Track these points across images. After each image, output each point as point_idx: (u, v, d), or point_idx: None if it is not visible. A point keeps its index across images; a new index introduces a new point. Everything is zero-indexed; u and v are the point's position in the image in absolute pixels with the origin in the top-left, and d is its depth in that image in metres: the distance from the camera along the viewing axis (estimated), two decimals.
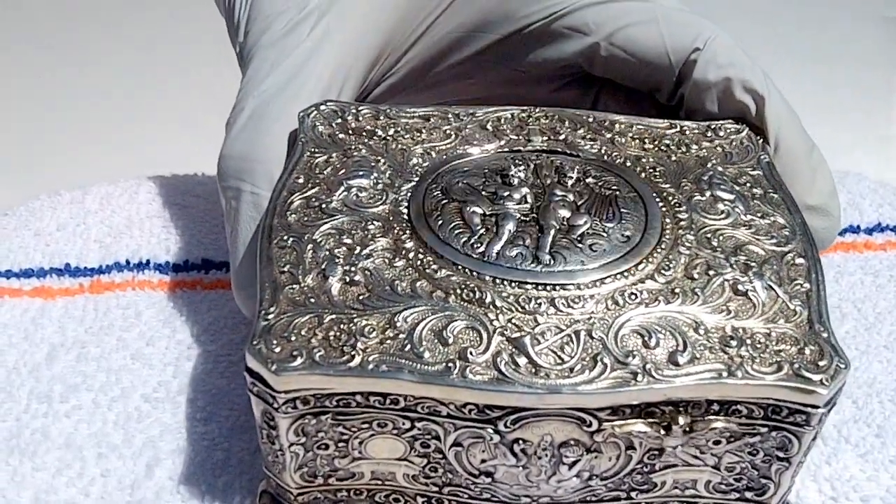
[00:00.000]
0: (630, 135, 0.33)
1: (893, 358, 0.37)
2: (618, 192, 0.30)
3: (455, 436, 0.26)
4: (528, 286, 0.26)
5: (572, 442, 0.26)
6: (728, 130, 0.33)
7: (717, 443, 0.26)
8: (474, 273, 0.27)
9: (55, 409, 0.34)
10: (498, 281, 0.26)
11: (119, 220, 0.44)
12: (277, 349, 0.25)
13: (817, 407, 0.25)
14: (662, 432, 0.25)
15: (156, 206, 0.45)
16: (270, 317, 0.25)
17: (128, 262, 0.41)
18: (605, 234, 0.28)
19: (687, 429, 0.25)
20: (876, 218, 0.44)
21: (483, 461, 0.27)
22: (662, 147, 0.32)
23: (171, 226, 0.43)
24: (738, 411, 0.25)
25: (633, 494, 0.28)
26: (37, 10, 0.65)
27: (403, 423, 0.26)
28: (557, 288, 0.26)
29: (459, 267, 0.27)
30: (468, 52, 0.37)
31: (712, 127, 0.33)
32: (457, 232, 0.28)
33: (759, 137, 0.33)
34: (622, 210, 0.29)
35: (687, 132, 0.33)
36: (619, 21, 0.34)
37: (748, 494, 0.28)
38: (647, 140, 0.32)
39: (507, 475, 0.27)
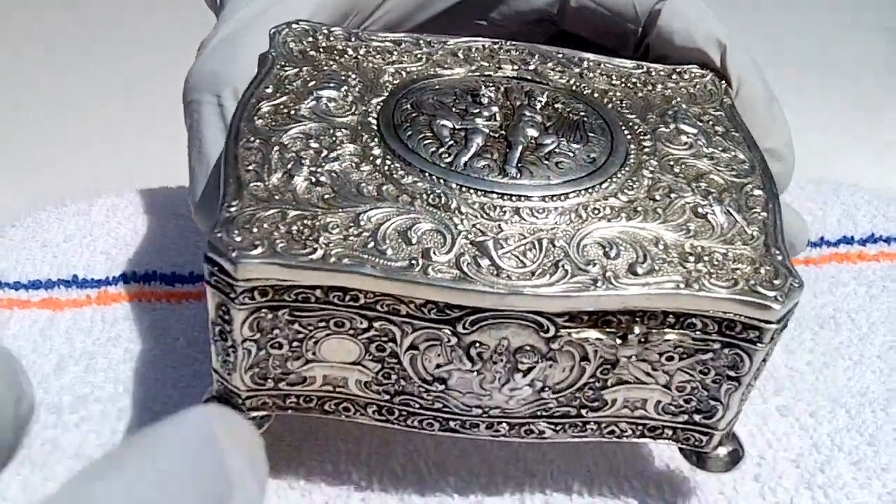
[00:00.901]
0: (598, 71, 0.34)
1: (886, 368, 0.37)
2: (585, 118, 0.30)
3: (412, 338, 0.26)
4: (494, 196, 0.27)
5: (528, 347, 0.26)
6: (693, 74, 0.34)
7: (669, 359, 0.27)
8: (441, 180, 0.27)
9: (65, 419, 0.34)
10: (464, 189, 0.27)
11: (125, 231, 0.44)
12: (239, 238, 0.24)
13: (770, 322, 0.26)
14: (618, 341, 0.26)
15: (161, 217, 0.45)
16: (233, 209, 0.25)
17: (134, 274, 0.41)
18: (571, 155, 0.29)
19: (642, 339, 0.26)
20: (870, 229, 0.45)
21: (438, 366, 0.27)
22: (629, 84, 0.33)
23: (176, 237, 0.44)
24: (693, 325, 0.26)
25: (583, 412, 0.28)
26: (44, 19, 0.65)
27: (361, 323, 0.26)
28: (522, 199, 0.27)
29: (427, 174, 0.27)
30: (441, 6, 0.38)
31: (678, 70, 0.34)
32: (425, 143, 0.28)
33: (722, 82, 0.34)
34: (589, 134, 0.30)
35: (653, 73, 0.34)
36: None
37: (696, 417, 0.28)
38: (614, 77, 0.33)
39: (461, 382, 0.27)
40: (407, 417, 0.28)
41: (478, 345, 0.26)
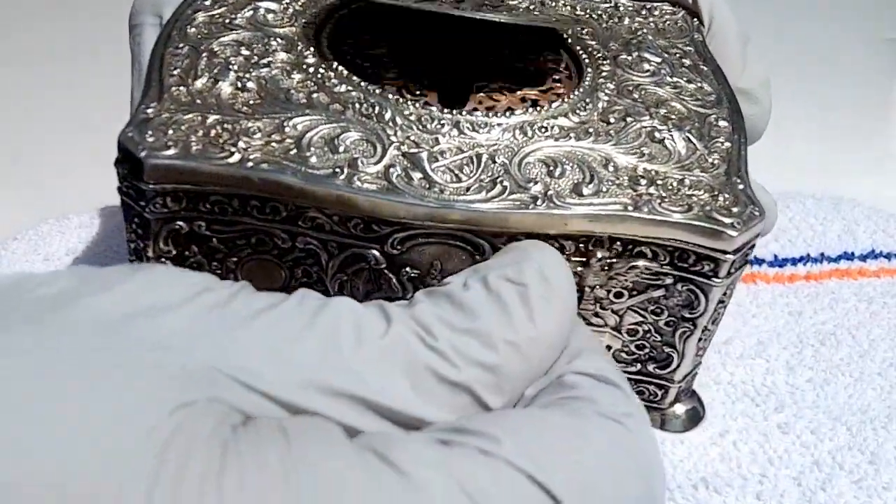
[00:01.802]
0: (562, 2, 0.32)
1: (887, 385, 0.37)
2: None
3: (339, 261, 0.24)
4: (433, 107, 0.25)
5: None
6: (663, 10, 0.32)
7: (618, 296, 0.25)
8: (376, 91, 0.25)
9: None
10: (401, 100, 0.25)
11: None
12: (151, 139, 0.23)
13: (727, 253, 0.24)
14: (580, 268, 0.24)
15: None
16: (150, 111, 0.24)
17: None
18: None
19: (606, 266, 0.24)
20: (870, 245, 0.45)
21: (368, 294, 0.25)
22: (594, 16, 0.32)
23: None
24: (643, 254, 0.24)
25: None
26: (46, 32, 0.65)
27: (284, 242, 0.24)
28: (464, 112, 0.25)
29: (362, 84, 0.25)
30: None
31: (647, 6, 0.32)
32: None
33: (694, 20, 0.32)
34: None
35: (621, 7, 0.32)
36: None
37: (651, 367, 0.27)
38: (579, 8, 0.32)
39: None
40: None
41: (408, 269, 0.24)
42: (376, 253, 0.24)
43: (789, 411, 0.36)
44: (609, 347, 0.26)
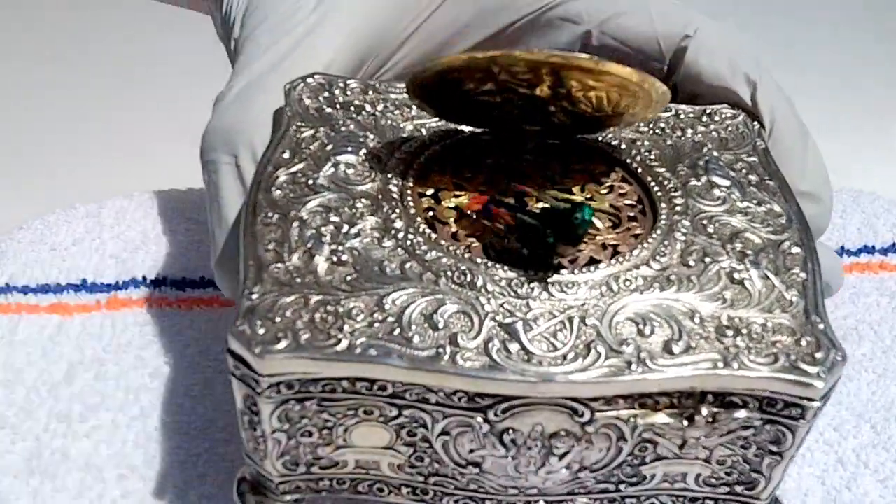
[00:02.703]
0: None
1: None
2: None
3: (443, 425, 0.25)
4: (521, 270, 0.26)
5: (563, 433, 0.25)
6: (724, 115, 0.33)
7: (708, 436, 0.26)
8: (466, 255, 0.26)
9: (74, 429, 0.33)
10: (490, 264, 0.26)
11: (134, 234, 0.43)
12: (262, 331, 0.24)
13: (813, 400, 0.24)
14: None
15: (171, 220, 0.44)
16: (254, 297, 0.25)
17: (144, 279, 0.41)
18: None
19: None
20: (891, 238, 0.44)
21: (471, 451, 0.26)
22: (657, 130, 0.32)
23: (186, 241, 0.43)
24: (733, 403, 0.25)
25: (621, 487, 0.28)
26: (53, 26, 0.65)
27: (390, 411, 0.25)
28: (551, 272, 0.26)
29: (450, 249, 0.26)
30: (462, 46, 0.36)
31: (707, 112, 0.33)
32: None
33: (754, 123, 0.33)
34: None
35: (682, 116, 0.33)
36: (610, 10, 0.34)
37: (738, 489, 0.28)
38: (641, 123, 0.32)
39: (496, 466, 0.26)
40: (442, 498, 0.28)
41: (511, 431, 0.25)
42: (480, 419, 0.25)
43: None
44: (699, 475, 0.27)
